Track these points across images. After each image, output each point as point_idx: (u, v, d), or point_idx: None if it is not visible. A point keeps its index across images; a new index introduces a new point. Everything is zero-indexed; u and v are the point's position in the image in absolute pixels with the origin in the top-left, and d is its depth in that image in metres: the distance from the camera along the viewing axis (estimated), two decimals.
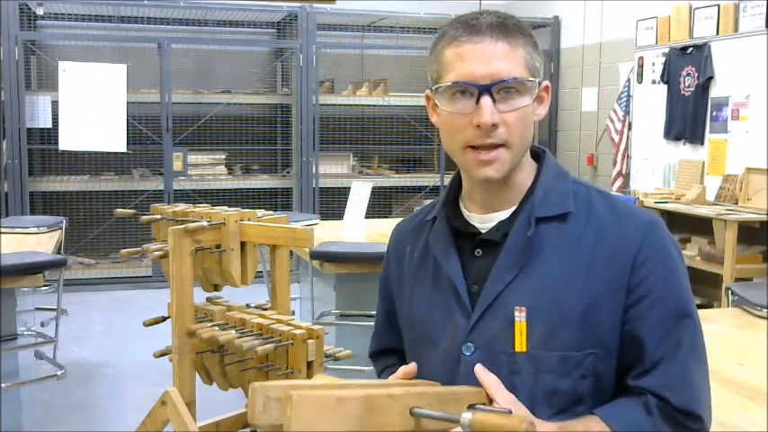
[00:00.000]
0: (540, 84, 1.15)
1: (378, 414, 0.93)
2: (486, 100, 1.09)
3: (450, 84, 1.12)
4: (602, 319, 1.10)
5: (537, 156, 1.23)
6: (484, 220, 1.20)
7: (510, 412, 0.98)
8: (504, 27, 1.12)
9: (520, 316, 1.11)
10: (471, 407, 0.99)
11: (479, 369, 1.06)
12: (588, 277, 1.11)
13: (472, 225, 1.20)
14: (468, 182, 1.22)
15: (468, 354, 1.14)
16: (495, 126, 1.10)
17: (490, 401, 1.03)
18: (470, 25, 1.12)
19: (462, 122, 1.12)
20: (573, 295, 1.10)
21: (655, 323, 1.10)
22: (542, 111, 1.18)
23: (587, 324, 1.10)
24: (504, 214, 1.18)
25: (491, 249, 1.17)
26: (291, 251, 3.71)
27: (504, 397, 1.03)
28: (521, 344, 1.11)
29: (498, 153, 1.12)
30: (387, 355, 1.39)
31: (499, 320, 1.13)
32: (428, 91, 1.19)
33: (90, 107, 6.45)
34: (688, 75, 5.47)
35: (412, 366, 1.12)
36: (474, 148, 1.12)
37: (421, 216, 1.31)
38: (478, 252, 1.18)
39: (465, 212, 1.22)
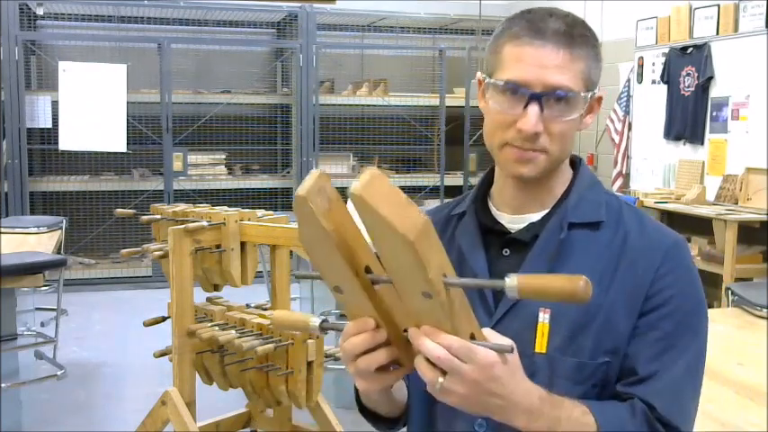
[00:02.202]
0: (593, 95, 1.14)
1: (428, 242, 0.88)
2: (533, 107, 1.08)
3: (502, 82, 1.10)
4: (619, 329, 1.10)
5: (573, 163, 1.23)
6: (514, 221, 1.19)
7: (513, 349, 0.95)
8: (570, 36, 1.10)
9: (544, 317, 1.10)
10: (473, 336, 0.95)
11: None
12: (611, 286, 1.11)
13: (501, 223, 1.20)
14: (501, 180, 1.21)
15: None
16: (536, 134, 1.09)
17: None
18: (536, 27, 1.09)
19: (506, 121, 1.11)
20: (595, 303, 1.08)
21: (658, 336, 1.10)
22: (589, 121, 1.17)
23: (604, 332, 1.10)
24: (536, 216, 1.18)
25: (519, 250, 1.16)
26: (291, 251, 3.71)
27: (502, 339, 0.98)
28: (541, 345, 1.10)
29: (537, 155, 1.11)
30: None
31: (521, 321, 1.12)
32: (480, 75, 1.17)
33: (90, 107, 6.45)
34: (688, 75, 5.47)
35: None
36: (513, 145, 1.12)
37: (446, 211, 1.30)
38: (506, 251, 1.18)
39: (494, 211, 1.22)
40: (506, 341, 0.96)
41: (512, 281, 0.90)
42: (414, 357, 0.96)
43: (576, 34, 1.11)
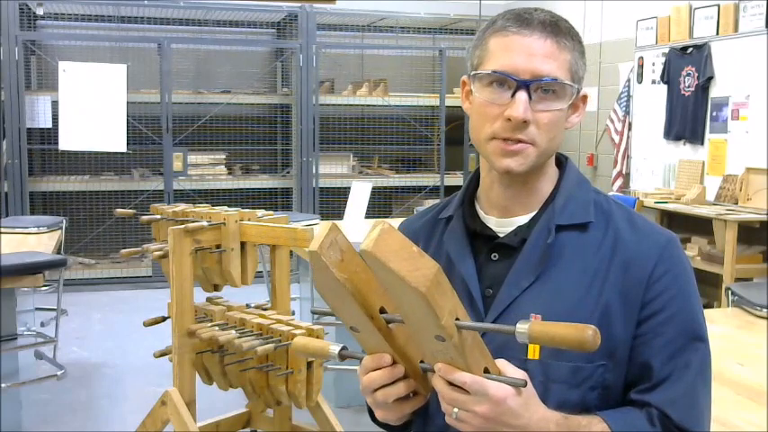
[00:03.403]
0: (579, 92, 1.13)
1: (440, 292, 0.91)
2: (521, 95, 1.07)
3: (489, 72, 1.09)
4: (614, 330, 1.08)
5: (559, 163, 1.21)
6: (501, 224, 1.18)
7: (525, 383, 0.97)
8: (556, 27, 1.10)
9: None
10: (486, 370, 0.98)
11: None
12: (603, 288, 1.10)
13: (489, 227, 1.18)
14: (487, 180, 1.19)
15: None
16: (525, 123, 1.08)
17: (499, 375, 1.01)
18: (522, 18, 1.10)
19: (494, 113, 1.10)
20: (588, 305, 1.09)
21: (666, 340, 1.09)
22: (576, 119, 1.16)
23: (600, 335, 1.09)
24: (523, 219, 1.16)
25: (508, 254, 1.15)
26: (291, 251, 3.71)
27: (516, 372, 1.00)
28: (533, 351, 1.09)
29: (525, 147, 1.10)
30: None
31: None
32: (464, 77, 1.17)
33: (90, 107, 6.45)
34: (688, 75, 5.47)
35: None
36: (500, 138, 1.10)
37: (431, 214, 1.29)
38: (495, 256, 1.16)
39: (481, 214, 1.20)
40: (520, 374, 0.99)
41: (523, 327, 0.93)
42: (430, 387, 1.01)
43: (562, 26, 1.11)
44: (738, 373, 2.04)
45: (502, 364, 0.99)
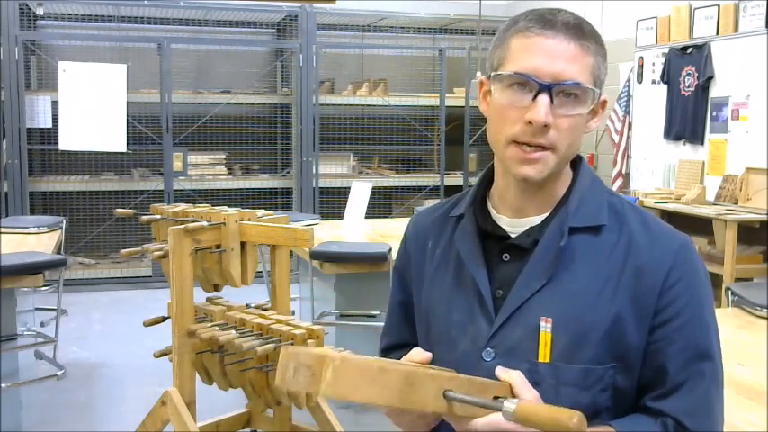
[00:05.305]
0: (599, 96, 1.11)
1: (416, 391, 0.90)
2: (543, 98, 1.05)
3: (511, 73, 1.07)
4: (626, 334, 1.08)
5: (573, 163, 1.20)
6: (513, 224, 1.16)
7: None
8: (580, 30, 1.08)
9: (546, 326, 1.08)
10: (496, 398, 0.97)
11: (500, 370, 1.03)
12: (616, 291, 1.09)
13: (500, 227, 1.17)
14: (503, 181, 1.17)
15: (488, 359, 1.11)
16: (546, 127, 1.06)
17: (513, 397, 1.00)
18: (546, 19, 1.07)
19: (514, 115, 1.08)
20: (600, 309, 1.08)
21: (680, 347, 1.08)
22: (594, 125, 1.14)
23: (611, 339, 1.08)
24: (536, 220, 1.15)
25: (520, 255, 1.14)
26: (291, 251, 3.71)
27: (528, 392, 1.00)
28: (544, 354, 1.08)
29: (544, 155, 1.08)
30: (400, 350, 1.30)
31: (522, 328, 1.10)
32: (483, 77, 1.14)
33: (90, 107, 6.45)
34: (688, 75, 5.47)
35: (428, 355, 1.07)
36: (519, 144, 1.08)
37: (442, 210, 1.27)
38: (506, 257, 1.15)
39: (493, 213, 1.19)
40: (531, 393, 1.00)
41: (510, 406, 0.93)
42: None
43: (585, 29, 1.09)
44: (738, 373, 2.04)
45: (515, 379, 1.01)
